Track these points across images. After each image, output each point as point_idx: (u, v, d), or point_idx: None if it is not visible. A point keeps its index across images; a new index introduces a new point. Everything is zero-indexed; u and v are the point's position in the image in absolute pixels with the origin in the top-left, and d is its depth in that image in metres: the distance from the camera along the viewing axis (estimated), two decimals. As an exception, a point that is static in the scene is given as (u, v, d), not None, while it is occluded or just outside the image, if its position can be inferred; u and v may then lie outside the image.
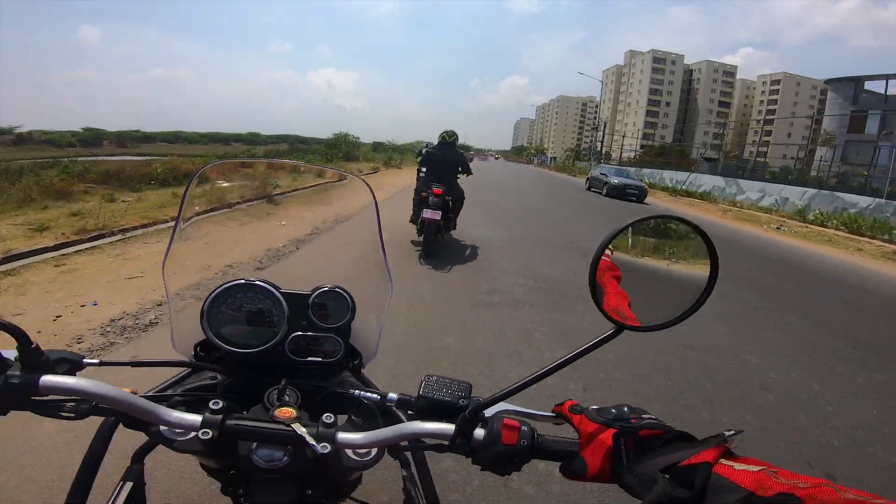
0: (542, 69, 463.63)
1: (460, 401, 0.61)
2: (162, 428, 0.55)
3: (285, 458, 0.55)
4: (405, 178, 16.76)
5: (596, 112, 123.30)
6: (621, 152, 39.78)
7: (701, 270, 0.54)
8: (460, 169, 6.06)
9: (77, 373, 0.57)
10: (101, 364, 0.63)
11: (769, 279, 6.25)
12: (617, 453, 0.51)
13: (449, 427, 0.57)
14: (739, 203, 17.93)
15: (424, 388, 0.63)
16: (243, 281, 0.73)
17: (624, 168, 23.28)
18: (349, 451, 0.58)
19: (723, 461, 0.43)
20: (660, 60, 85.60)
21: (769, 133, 65.93)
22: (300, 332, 0.73)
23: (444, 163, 5.94)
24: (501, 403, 0.59)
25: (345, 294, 0.76)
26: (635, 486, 0.48)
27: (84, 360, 0.60)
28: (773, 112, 76.18)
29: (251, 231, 3.12)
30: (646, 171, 28.44)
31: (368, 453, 0.59)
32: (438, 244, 5.76)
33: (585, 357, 0.55)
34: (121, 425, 0.60)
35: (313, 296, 0.75)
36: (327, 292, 0.75)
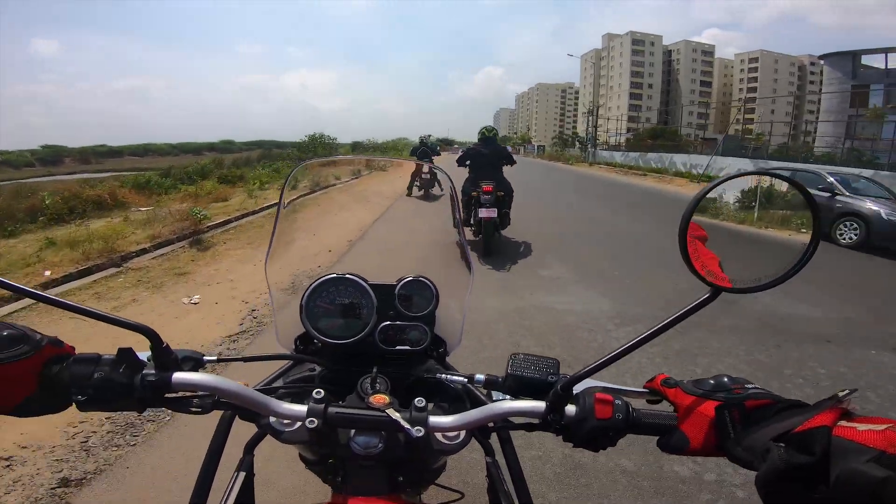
0: (516, 59, 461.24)
1: (549, 377, 0.62)
2: (271, 420, 0.59)
3: (380, 445, 0.57)
4: (396, 185, 14.29)
5: (576, 98, 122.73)
6: (607, 137, 37.44)
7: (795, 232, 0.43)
8: (505, 161, 6.20)
9: (199, 369, 0.62)
10: (219, 360, 0.68)
11: None
12: (721, 426, 0.49)
13: (539, 404, 0.56)
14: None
15: (512, 367, 0.64)
16: (335, 275, 0.76)
17: (853, 174, 12.09)
18: (439, 435, 0.60)
19: (843, 423, 0.40)
20: (639, 42, 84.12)
21: (752, 111, 66.30)
22: (388, 322, 0.76)
23: (489, 158, 6.07)
24: (589, 381, 0.58)
25: (428, 283, 0.78)
26: (747, 458, 0.46)
27: (204, 357, 0.64)
28: (754, 90, 76.12)
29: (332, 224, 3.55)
30: (651, 156, 26.22)
31: (458, 436, 0.61)
32: (496, 243, 5.79)
33: None
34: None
35: (399, 286, 0.77)
36: (412, 282, 0.78)
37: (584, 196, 13.90)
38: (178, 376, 0.54)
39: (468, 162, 6.33)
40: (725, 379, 0.52)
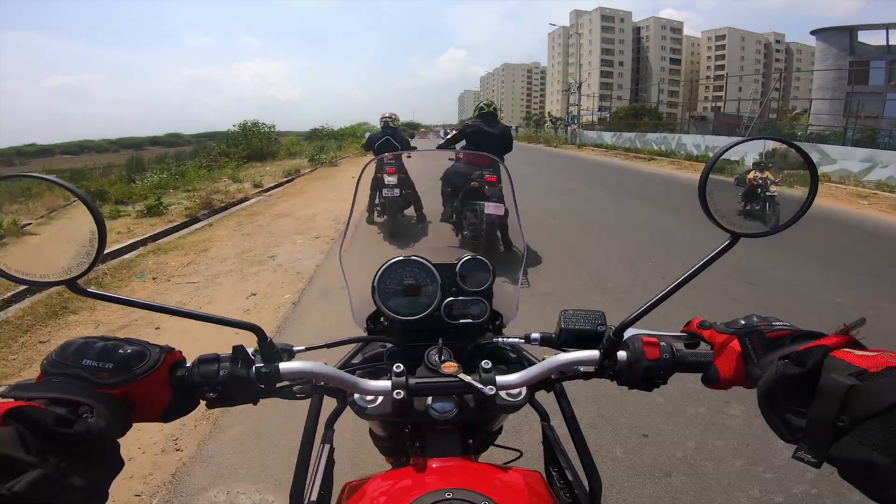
0: (479, 40, 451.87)
1: (598, 327, 0.67)
2: (355, 397, 0.65)
3: (454, 410, 0.63)
4: (343, 188, 9.81)
5: (543, 77, 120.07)
6: (579, 115, 33.77)
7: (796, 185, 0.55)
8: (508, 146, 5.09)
9: (292, 358, 0.66)
10: (307, 349, 0.72)
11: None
12: (746, 355, 0.53)
13: (594, 353, 0.61)
14: (844, 179, 12.26)
15: (564, 321, 0.69)
16: (402, 258, 0.80)
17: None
18: (503, 394, 0.65)
19: (845, 349, 0.43)
20: (608, 18, 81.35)
21: (720, 89, 65.30)
22: (452, 298, 0.79)
23: (496, 140, 4.86)
24: (632, 329, 0.61)
25: (486, 261, 0.82)
26: (758, 375, 0.49)
27: (294, 348, 0.68)
28: (721, 68, 75.32)
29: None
30: (652, 136, 22.55)
31: (519, 394, 0.66)
32: (498, 252, 3.84)
33: None
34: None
35: (459, 264, 0.81)
36: (470, 260, 0.82)
37: (606, 189, 10.09)
38: (284, 366, 0.59)
39: (464, 143, 5.01)
40: (755, 318, 0.56)
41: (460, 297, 0.80)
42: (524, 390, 0.66)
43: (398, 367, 0.61)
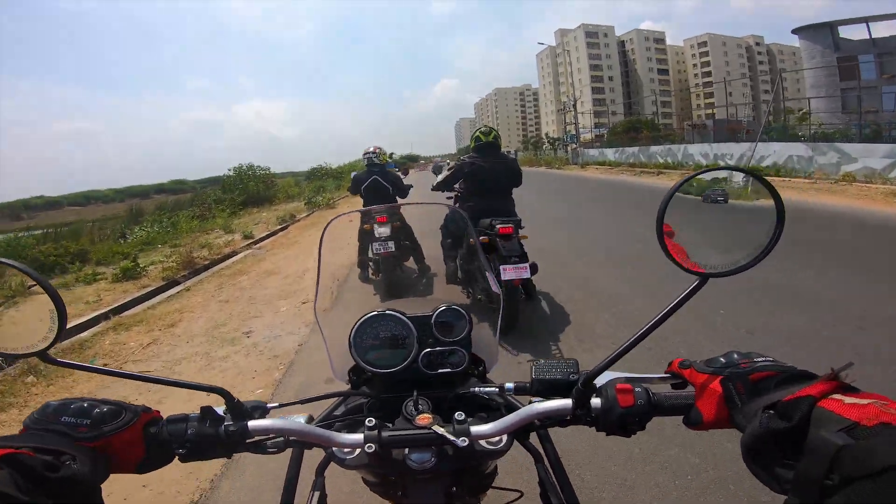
0: (470, 68, 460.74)
1: (570, 376, 0.66)
2: (334, 449, 0.66)
3: (433, 459, 0.62)
4: (338, 235, 9.06)
5: (535, 99, 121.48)
6: (578, 133, 33.27)
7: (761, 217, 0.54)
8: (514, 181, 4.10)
9: (265, 416, 0.67)
10: (280, 406, 0.72)
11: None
12: (729, 398, 0.51)
13: (567, 402, 0.61)
14: (869, 177, 11.35)
15: (536, 372, 0.68)
16: (376, 312, 0.81)
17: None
18: (483, 442, 0.66)
19: (834, 396, 0.41)
20: (592, 34, 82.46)
21: (711, 95, 65.42)
22: (429, 349, 0.80)
23: (498, 176, 3.91)
24: (611, 373, 0.61)
25: (461, 310, 0.83)
26: (743, 424, 0.48)
27: (268, 405, 0.69)
28: (708, 74, 75.80)
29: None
30: (656, 148, 21.87)
31: (500, 441, 0.67)
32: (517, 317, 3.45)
33: None
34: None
35: (435, 315, 0.82)
36: (446, 310, 0.82)
37: (627, 213, 8.90)
38: (254, 424, 0.61)
39: (459, 183, 4.03)
40: (735, 355, 0.54)
41: (437, 348, 0.80)
42: (504, 438, 0.67)
43: (370, 420, 0.62)
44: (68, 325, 4.42)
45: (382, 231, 4.26)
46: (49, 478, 0.44)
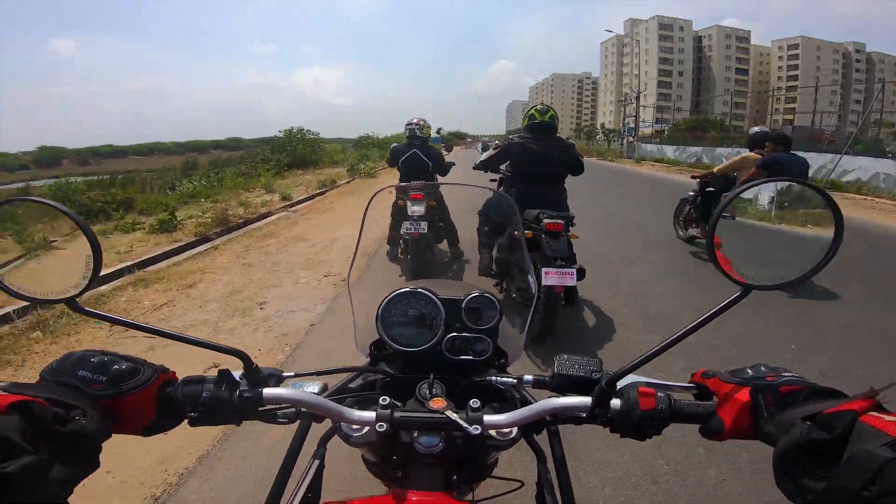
0: (528, 51, 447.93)
1: (593, 374, 0.65)
2: (342, 425, 0.64)
3: (440, 444, 0.60)
4: (373, 206, 8.79)
5: (594, 88, 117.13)
6: (637, 126, 31.39)
7: (818, 231, 0.53)
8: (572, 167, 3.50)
9: (280, 384, 0.66)
10: (296, 376, 0.71)
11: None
12: (756, 409, 0.51)
13: (585, 400, 0.60)
14: None
15: (558, 367, 0.67)
16: (408, 289, 0.80)
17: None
18: (493, 432, 0.63)
19: (873, 413, 0.41)
20: (666, 27, 77.89)
21: (792, 101, 60.63)
22: (455, 334, 0.78)
23: (549, 163, 3.33)
24: (633, 377, 0.60)
25: (493, 299, 0.81)
26: (774, 434, 0.48)
27: (283, 374, 0.68)
28: (794, 79, 70.24)
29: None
30: (722, 150, 20.28)
31: (510, 433, 0.64)
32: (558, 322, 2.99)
33: None
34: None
35: (466, 300, 0.80)
36: (478, 297, 0.81)
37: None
38: (268, 392, 0.59)
39: (506, 165, 3.46)
40: (763, 367, 0.55)
41: (464, 333, 0.79)
42: (515, 430, 0.65)
43: (384, 399, 0.61)
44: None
45: (416, 209, 3.86)
46: (56, 431, 0.44)
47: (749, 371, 0.55)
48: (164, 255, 5.55)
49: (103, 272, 4.93)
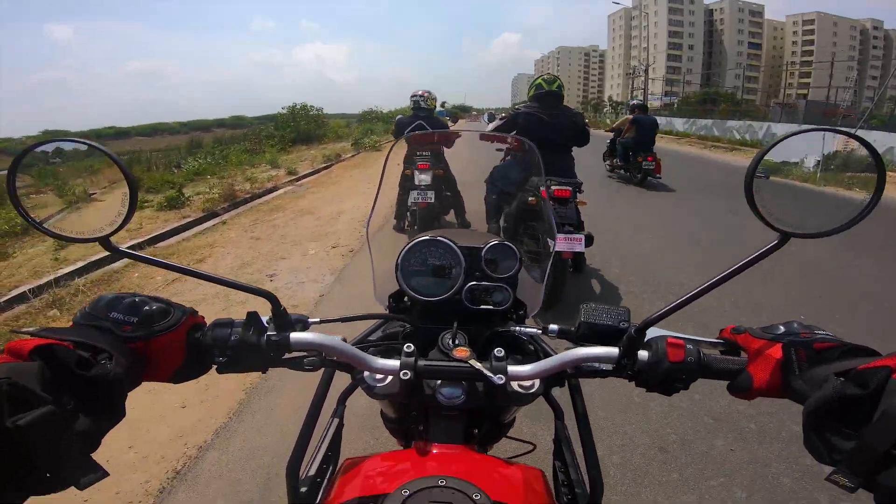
0: (534, 24, 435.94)
1: (621, 324, 0.64)
2: (365, 374, 0.64)
3: (462, 396, 0.61)
4: (378, 178, 8.79)
5: (601, 61, 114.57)
6: (646, 99, 30.77)
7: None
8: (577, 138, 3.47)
9: (306, 330, 0.63)
10: (321, 322, 0.70)
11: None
12: (788, 365, 0.50)
13: (613, 350, 0.58)
14: None
15: (584, 315, 0.65)
16: (428, 237, 0.79)
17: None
18: (515, 385, 0.63)
19: None
20: (676, 0, 75.11)
21: (806, 76, 59.04)
22: (475, 283, 0.77)
23: (557, 132, 3.29)
24: (658, 329, 0.59)
25: (513, 248, 0.80)
26: (805, 390, 0.47)
27: (309, 319, 0.67)
28: (808, 54, 68.22)
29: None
30: (733, 123, 19.94)
31: (532, 386, 0.63)
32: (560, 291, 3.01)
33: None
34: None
35: (485, 249, 0.79)
36: (498, 246, 0.79)
37: (705, 193, 7.21)
38: (295, 336, 0.58)
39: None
40: (795, 324, 0.53)
41: (483, 283, 0.77)
42: (537, 383, 0.64)
43: (409, 346, 0.60)
44: (98, 257, 4.17)
45: (423, 178, 3.87)
46: (80, 375, 0.42)
47: (781, 327, 0.53)
48: (173, 231, 5.58)
49: (104, 254, 4.99)
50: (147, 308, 0.52)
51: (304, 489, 0.65)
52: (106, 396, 0.44)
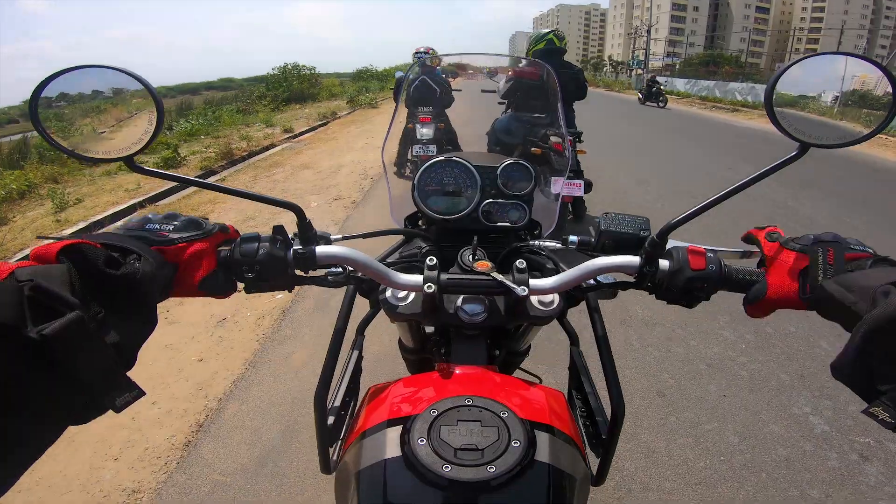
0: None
1: (641, 232, 0.63)
2: (387, 294, 0.62)
3: (483, 313, 0.61)
4: (376, 133, 8.69)
5: (602, 20, 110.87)
6: (647, 59, 30.20)
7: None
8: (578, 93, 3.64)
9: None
10: (343, 238, 0.71)
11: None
12: (813, 269, 0.46)
13: (634, 259, 0.58)
14: None
15: (605, 224, 0.65)
16: (444, 158, 0.80)
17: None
18: (535, 301, 0.62)
19: None
20: (683, -43, 71.94)
21: (814, 42, 57.46)
22: (491, 200, 0.79)
23: (561, 87, 1.82)
24: (676, 241, 0.59)
25: (528, 166, 0.81)
26: (849, 299, 0.40)
27: (331, 236, 0.67)
28: (818, 20, 66.16)
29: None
30: (736, 85, 19.64)
31: (552, 302, 0.62)
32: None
33: None
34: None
35: (500, 168, 0.80)
36: (513, 164, 0.80)
37: (701, 148, 7.34)
38: (321, 250, 0.58)
39: (518, 95, 2.85)
40: (830, 236, 0.50)
41: (499, 200, 0.78)
42: (557, 300, 0.63)
43: (431, 259, 0.59)
44: (110, 212, 4.12)
45: (425, 132, 3.84)
46: (108, 274, 0.40)
47: (811, 236, 0.50)
48: (172, 190, 5.52)
49: (115, 209, 4.97)
50: (180, 220, 0.53)
51: (331, 419, 0.66)
52: (137, 299, 0.42)
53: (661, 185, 5.37)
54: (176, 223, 0.52)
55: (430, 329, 0.84)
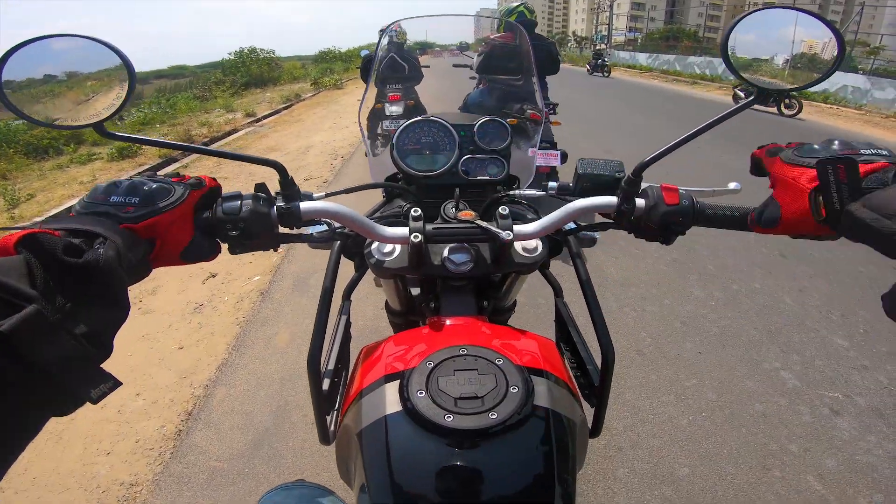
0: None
1: (616, 173, 0.67)
2: (373, 249, 0.62)
3: (470, 262, 0.61)
4: (344, 113, 8.52)
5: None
6: (610, 34, 30.51)
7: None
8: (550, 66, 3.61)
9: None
10: (326, 195, 0.70)
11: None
12: (827, 195, 0.41)
13: (612, 198, 0.60)
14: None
15: (581, 168, 0.68)
16: (421, 118, 0.81)
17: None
18: (520, 249, 0.63)
19: None
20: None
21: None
22: (470, 156, 0.80)
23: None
24: (650, 183, 0.61)
25: (504, 123, 0.83)
26: (885, 227, 0.35)
27: (314, 194, 0.67)
28: None
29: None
30: (695, 59, 20.08)
31: (536, 250, 0.63)
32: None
33: None
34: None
35: (477, 125, 0.81)
36: (489, 121, 0.82)
37: (665, 119, 7.13)
38: (305, 205, 0.58)
39: (492, 63, 2.79)
40: (836, 143, 0.47)
41: (478, 156, 0.80)
42: (540, 247, 0.64)
43: (416, 210, 0.59)
44: (65, 206, 3.90)
45: (395, 110, 3.78)
46: (69, 263, 0.37)
47: (816, 147, 0.48)
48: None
49: (72, 202, 4.70)
50: (147, 187, 0.49)
51: (326, 383, 0.66)
52: (104, 287, 0.39)
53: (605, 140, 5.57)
54: (146, 190, 0.48)
55: (416, 291, 0.86)
